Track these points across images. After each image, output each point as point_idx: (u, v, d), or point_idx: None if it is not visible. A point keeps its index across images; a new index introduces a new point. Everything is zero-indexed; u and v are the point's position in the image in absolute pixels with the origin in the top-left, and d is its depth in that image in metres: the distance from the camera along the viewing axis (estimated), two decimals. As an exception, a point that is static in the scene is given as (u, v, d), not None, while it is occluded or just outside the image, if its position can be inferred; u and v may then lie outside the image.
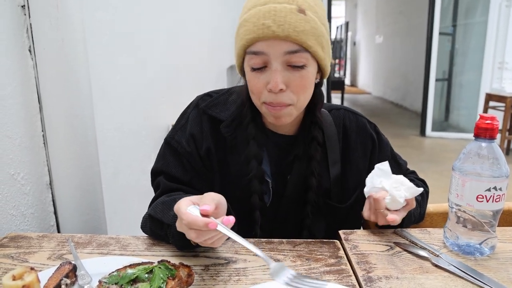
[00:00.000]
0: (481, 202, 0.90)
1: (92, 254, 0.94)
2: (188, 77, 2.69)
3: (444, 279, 0.84)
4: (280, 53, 0.89)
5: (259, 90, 0.95)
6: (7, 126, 1.07)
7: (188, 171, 1.07)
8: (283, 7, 0.88)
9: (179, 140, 1.08)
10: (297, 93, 0.94)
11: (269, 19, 0.87)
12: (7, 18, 1.07)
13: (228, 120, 1.07)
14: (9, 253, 0.94)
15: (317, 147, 1.06)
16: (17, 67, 1.10)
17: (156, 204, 1.01)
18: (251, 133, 1.04)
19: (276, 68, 0.90)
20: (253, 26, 0.89)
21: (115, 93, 1.65)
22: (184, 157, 1.07)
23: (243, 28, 0.92)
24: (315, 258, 0.92)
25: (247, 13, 0.92)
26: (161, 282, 0.75)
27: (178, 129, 1.10)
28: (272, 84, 0.90)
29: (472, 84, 6.75)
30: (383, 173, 1.00)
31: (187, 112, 1.12)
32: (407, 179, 0.98)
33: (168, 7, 2.27)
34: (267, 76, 0.92)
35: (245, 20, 0.92)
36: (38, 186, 1.21)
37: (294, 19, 0.88)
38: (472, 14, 6.85)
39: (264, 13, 0.88)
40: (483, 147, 0.90)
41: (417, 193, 0.96)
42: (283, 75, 0.91)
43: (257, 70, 0.93)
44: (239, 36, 0.94)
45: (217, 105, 1.09)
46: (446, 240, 0.98)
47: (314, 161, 1.06)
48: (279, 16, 0.87)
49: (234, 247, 0.96)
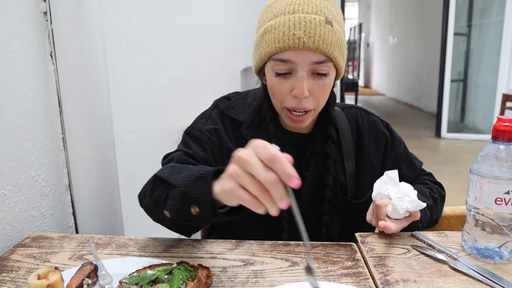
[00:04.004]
0: (499, 205, 0.89)
1: (112, 255, 0.95)
2: (202, 80, 2.70)
3: (463, 282, 0.84)
4: (308, 62, 0.94)
5: (282, 95, 0.98)
6: (29, 129, 1.09)
7: (209, 155, 1.05)
8: (313, 19, 0.92)
9: (200, 129, 1.08)
10: (318, 99, 0.99)
11: (299, 30, 0.91)
12: (30, 24, 1.09)
13: (248, 122, 1.10)
14: (31, 253, 0.96)
15: (331, 145, 1.09)
16: (39, 71, 1.13)
17: (164, 167, 0.94)
18: (271, 132, 1.07)
19: (302, 76, 0.94)
20: (283, 35, 0.92)
21: (132, 96, 1.67)
22: (207, 144, 1.06)
23: (271, 35, 0.94)
24: (332, 260, 0.93)
25: (273, 19, 0.95)
26: (181, 283, 0.76)
27: (199, 123, 1.11)
28: (299, 91, 0.94)
29: (488, 84, 6.67)
30: (391, 180, 1.01)
31: (207, 112, 1.14)
32: (414, 190, 0.99)
33: (183, 12, 2.30)
34: (292, 82, 0.96)
35: (273, 27, 0.94)
36: (58, 188, 1.23)
37: (323, 31, 0.92)
38: (488, 14, 6.77)
39: (295, 23, 0.91)
40: (501, 150, 0.90)
41: (420, 207, 0.97)
42: (307, 83, 0.95)
43: (282, 76, 0.97)
44: (265, 42, 0.96)
45: (235, 108, 1.12)
46: (464, 243, 0.98)
47: (330, 159, 1.09)
48: (309, 28, 0.91)
49: (251, 250, 0.97)
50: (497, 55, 6.42)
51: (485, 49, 6.87)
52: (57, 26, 1.13)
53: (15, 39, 1.04)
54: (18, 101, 1.05)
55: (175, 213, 0.82)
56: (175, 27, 2.17)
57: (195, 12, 2.52)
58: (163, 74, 2.02)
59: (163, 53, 2.00)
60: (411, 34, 10.90)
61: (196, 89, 2.56)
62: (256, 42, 1.02)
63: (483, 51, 6.91)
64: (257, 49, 1.01)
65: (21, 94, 1.06)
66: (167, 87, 2.08)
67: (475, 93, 7.16)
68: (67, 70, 1.16)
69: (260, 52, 0.99)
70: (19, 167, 1.06)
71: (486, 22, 6.83)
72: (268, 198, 0.62)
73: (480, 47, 6.96)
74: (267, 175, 0.61)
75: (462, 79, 7.21)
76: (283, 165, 0.61)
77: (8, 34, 1.02)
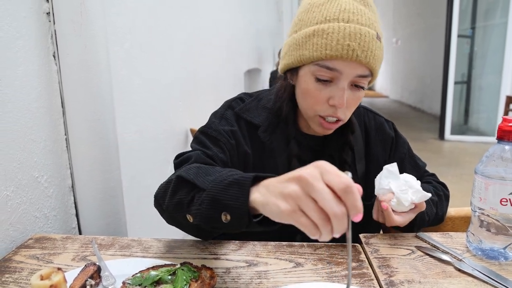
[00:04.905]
0: (505, 205, 0.88)
1: (115, 256, 0.95)
2: (206, 82, 2.71)
3: (468, 283, 0.83)
4: (353, 75, 0.92)
5: (319, 102, 0.96)
6: (32, 129, 1.09)
7: (227, 157, 1.01)
8: (367, 32, 0.90)
9: (217, 129, 1.03)
10: (350, 109, 0.99)
11: (354, 41, 0.89)
12: (33, 25, 1.09)
13: (264, 125, 1.07)
14: (34, 254, 0.96)
15: (349, 151, 1.09)
16: (42, 72, 1.13)
17: (189, 167, 0.85)
18: (291, 134, 1.06)
19: (344, 86, 0.93)
20: (337, 44, 0.89)
21: (135, 97, 1.67)
22: (225, 146, 1.01)
23: (322, 40, 0.91)
24: (336, 261, 0.92)
25: (325, 23, 0.91)
26: (184, 284, 0.75)
27: (214, 122, 1.06)
28: (339, 101, 0.93)
29: (492, 86, 6.65)
30: (391, 174, 0.99)
31: (219, 111, 1.09)
32: (417, 181, 0.98)
33: (187, 13, 2.30)
34: (331, 91, 0.94)
35: (325, 31, 0.91)
36: (61, 189, 1.23)
37: (374, 46, 0.91)
38: (492, 16, 6.75)
39: (350, 34, 0.89)
40: (507, 150, 0.89)
41: (425, 198, 0.95)
42: (347, 93, 0.94)
43: (322, 82, 0.94)
44: (313, 45, 0.92)
45: (250, 110, 1.09)
46: (469, 245, 0.97)
47: (346, 165, 1.07)
48: (363, 41, 0.89)
49: (255, 250, 0.97)
50: (501, 57, 6.40)
51: (489, 51, 6.85)
52: (60, 26, 1.13)
53: (18, 39, 1.04)
54: (21, 101, 1.05)
55: (201, 219, 0.75)
56: (177, 29, 2.18)
57: (198, 15, 2.52)
58: (166, 75, 2.02)
59: (165, 55, 2.00)
60: (414, 36, 10.88)
61: (198, 91, 2.56)
62: (296, 41, 0.97)
63: (487, 53, 6.89)
64: (297, 49, 0.96)
65: (24, 94, 1.06)
66: (170, 88, 2.08)
67: (478, 95, 7.14)
68: (70, 71, 1.16)
69: (303, 53, 0.94)
70: (22, 168, 1.06)
71: (490, 24, 6.82)
72: (329, 228, 0.58)
73: (484, 49, 6.94)
74: (336, 208, 0.57)
75: (466, 81, 7.20)
76: (355, 198, 0.57)
77: (11, 34, 1.02)
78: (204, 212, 0.73)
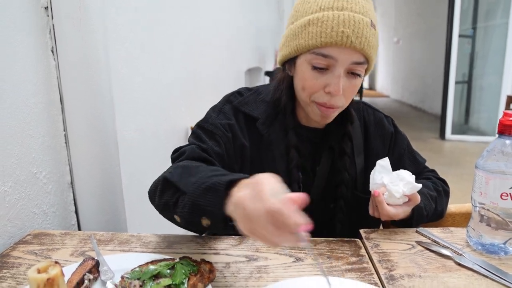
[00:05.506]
0: (505, 200, 0.88)
1: (114, 251, 0.95)
2: (206, 80, 2.70)
3: (468, 278, 0.83)
4: (348, 61, 0.93)
5: (314, 89, 0.97)
6: (30, 125, 1.09)
7: (223, 151, 1.02)
8: (361, 19, 0.91)
9: (214, 123, 1.05)
10: (348, 97, 1.00)
11: (348, 28, 0.90)
12: (31, 19, 1.09)
13: (263, 117, 1.08)
14: (32, 250, 0.95)
15: (348, 142, 1.09)
16: (40, 67, 1.12)
17: (176, 166, 0.91)
18: (289, 125, 1.06)
19: (340, 73, 0.94)
20: (331, 31, 0.90)
21: (136, 95, 1.67)
22: (221, 139, 1.03)
23: (317, 28, 0.92)
24: (336, 256, 0.92)
25: (320, 12, 0.93)
26: (183, 278, 0.75)
27: (211, 116, 1.07)
28: (335, 88, 0.94)
29: (493, 86, 6.64)
30: (384, 169, 1.00)
31: (218, 106, 1.10)
32: (410, 174, 0.98)
33: (187, 12, 2.30)
34: (327, 78, 0.95)
35: (320, 20, 0.92)
36: (60, 185, 1.22)
37: (369, 33, 0.92)
38: (493, 16, 6.75)
39: (344, 21, 0.90)
40: (507, 144, 0.89)
41: (416, 189, 0.96)
42: (343, 81, 0.94)
43: (318, 70, 0.95)
44: (309, 34, 0.94)
45: (248, 103, 1.10)
46: (470, 239, 0.96)
47: (346, 156, 1.09)
48: (357, 27, 0.91)
49: (255, 245, 0.96)
50: (501, 57, 6.39)
51: (489, 51, 6.84)
52: (58, 21, 1.12)
53: (16, 34, 1.03)
54: (19, 96, 1.05)
55: (185, 222, 0.81)
56: (178, 28, 2.17)
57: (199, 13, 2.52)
58: (166, 74, 2.01)
59: (166, 53, 2.00)
60: (415, 35, 10.87)
61: (199, 90, 2.56)
62: (292, 32, 0.98)
63: (488, 53, 6.88)
64: (293, 39, 0.98)
65: (22, 89, 1.05)
66: (170, 87, 2.08)
67: (479, 95, 7.14)
68: (68, 67, 1.15)
69: (299, 43, 0.96)
70: (20, 163, 1.06)
71: (491, 24, 6.81)
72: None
73: (485, 49, 6.93)
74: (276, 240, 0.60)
75: (467, 81, 7.19)
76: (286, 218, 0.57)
77: (9, 28, 1.01)
78: (186, 216, 0.78)
